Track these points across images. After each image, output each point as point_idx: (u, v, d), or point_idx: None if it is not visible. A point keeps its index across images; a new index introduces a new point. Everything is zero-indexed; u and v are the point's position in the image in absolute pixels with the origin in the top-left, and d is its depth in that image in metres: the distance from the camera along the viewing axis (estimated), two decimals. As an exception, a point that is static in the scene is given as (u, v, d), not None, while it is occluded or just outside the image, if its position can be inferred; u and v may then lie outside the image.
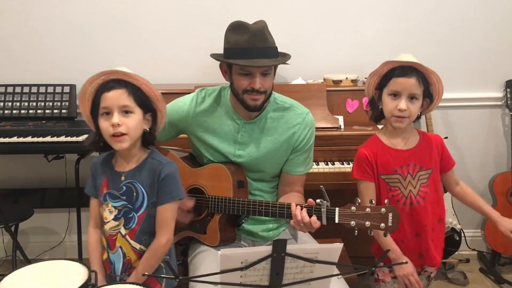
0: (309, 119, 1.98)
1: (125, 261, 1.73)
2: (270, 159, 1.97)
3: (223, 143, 1.97)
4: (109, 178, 1.74)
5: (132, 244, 1.72)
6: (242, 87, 1.85)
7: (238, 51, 1.81)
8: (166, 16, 3.01)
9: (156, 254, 1.71)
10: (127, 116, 1.64)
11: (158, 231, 1.72)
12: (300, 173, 2.01)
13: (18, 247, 2.73)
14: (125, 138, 1.64)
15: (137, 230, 1.71)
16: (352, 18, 3.03)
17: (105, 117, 1.65)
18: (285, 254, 1.29)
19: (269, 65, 1.83)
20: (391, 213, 1.60)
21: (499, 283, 2.91)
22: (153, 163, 1.73)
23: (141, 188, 1.71)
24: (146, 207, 1.71)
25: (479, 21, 3.02)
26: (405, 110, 1.85)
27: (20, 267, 1.56)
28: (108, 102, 1.63)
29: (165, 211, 1.71)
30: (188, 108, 1.99)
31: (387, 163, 1.93)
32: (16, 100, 2.91)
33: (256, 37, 1.80)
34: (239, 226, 2.00)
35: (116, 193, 1.72)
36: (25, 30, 3.01)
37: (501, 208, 2.95)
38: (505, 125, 3.14)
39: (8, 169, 3.13)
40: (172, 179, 1.71)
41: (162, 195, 1.70)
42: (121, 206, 1.71)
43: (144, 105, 1.69)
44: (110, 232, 1.73)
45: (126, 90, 1.65)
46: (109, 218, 1.72)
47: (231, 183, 1.90)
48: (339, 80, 2.84)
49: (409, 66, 1.86)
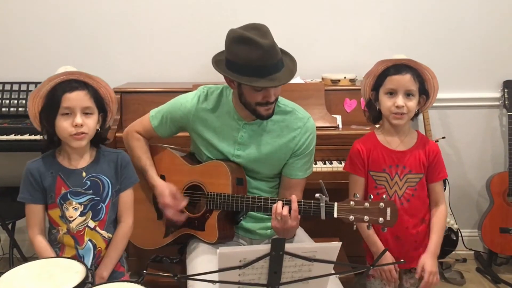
0: (310, 124, 1.97)
1: (96, 252, 1.79)
2: (268, 161, 1.97)
3: (223, 143, 1.97)
4: (64, 178, 1.75)
5: (102, 234, 1.80)
6: (256, 101, 1.84)
7: (250, 69, 1.74)
8: (165, 15, 3.00)
9: (126, 237, 1.85)
10: (88, 117, 1.71)
11: (124, 215, 1.85)
12: (299, 177, 2.00)
13: (15, 245, 2.73)
14: (85, 137, 1.72)
15: (106, 219, 1.80)
16: (350, 17, 3.04)
17: (65, 116, 1.69)
18: (283, 253, 1.29)
19: (286, 82, 1.78)
20: (389, 207, 1.62)
21: (496, 282, 2.92)
22: (109, 154, 1.84)
23: (105, 179, 1.79)
24: (111, 196, 1.80)
25: (477, 21, 3.03)
26: (402, 107, 1.87)
27: (17, 265, 1.56)
28: (71, 103, 1.68)
29: (129, 195, 1.86)
30: (191, 105, 1.99)
31: (377, 161, 1.95)
32: (14, 98, 2.91)
33: (268, 54, 1.73)
34: (237, 224, 2.00)
35: (80, 189, 1.75)
36: (24, 28, 3.00)
37: (498, 208, 2.97)
38: (503, 125, 3.14)
39: (5, 166, 3.12)
40: (130, 165, 1.87)
41: (125, 181, 1.84)
42: (87, 201, 1.76)
43: (100, 106, 1.76)
44: (77, 228, 1.76)
45: (87, 92, 1.71)
46: (74, 215, 1.75)
47: (230, 180, 1.90)
48: (337, 79, 2.84)
49: (403, 64, 1.89)
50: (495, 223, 2.97)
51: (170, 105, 2.05)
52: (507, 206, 2.96)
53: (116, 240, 1.82)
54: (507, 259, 3.11)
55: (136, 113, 2.56)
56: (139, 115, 2.17)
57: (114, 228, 1.84)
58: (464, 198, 3.22)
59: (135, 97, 2.74)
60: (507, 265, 3.09)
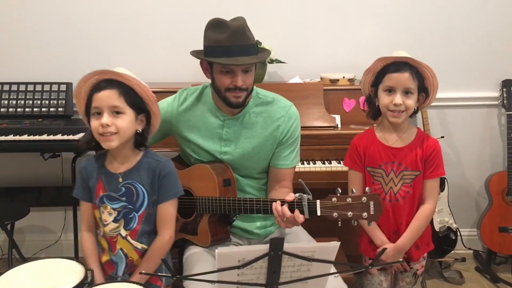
0: (292, 111, 1.98)
1: (128, 261, 1.74)
2: (257, 154, 1.97)
3: (208, 141, 1.97)
4: (104, 180, 1.73)
5: (134, 244, 1.73)
6: (224, 85, 1.85)
7: (218, 49, 1.81)
8: (163, 15, 3.00)
9: (160, 251, 1.73)
10: (117, 117, 1.65)
11: (161, 228, 1.74)
12: (287, 167, 2.00)
13: (14, 246, 2.72)
14: (114, 138, 1.65)
15: (138, 229, 1.73)
16: (349, 17, 3.04)
17: (96, 116, 1.66)
18: (282, 253, 1.29)
19: (251, 63, 1.83)
20: (372, 201, 1.57)
21: (495, 282, 2.92)
22: (150, 162, 1.73)
23: (141, 188, 1.71)
24: (146, 206, 1.72)
25: (476, 21, 3.03)
26: (400, 104, 1.87)
27: (16, 266, 1.56)
28: (98, 102, 1.64)
29: (167, 208, 1.74)
30: (171, 108, 2.00)
31: (374, 156, 1.96)
32: (13, 98, 2.91)
33: (236, 34, 1.79)
34: (230, 225, 2.00)
35: (114, 194, 1.71)
36: (22, 28, 3.00)
37: (497, 208, 2.97)
38: (501, 124, 3.15)
39: (4, 167, 3.12)
40: (172, 176, 1.74)
41: (164, 192, 1.73)
42: (120, 208, 1.71)
43: (136, 106, 1.69)
44: (111, 234, 1.73)
45: (117, 90, 1.65)
46: (108, 220, 1.72)
47: (216, 182, 1.89)
48: (336, 79, 2.84)
49: (402, 62, 1.89)
50: (494, 223, 2.97)
51: None
52: (506, 206, 2.96)
53: (150, 252, 1.74)
54: (506, 258, 3.10)
55: (135, 113, 2.55)
56: (139, 115, 2.17)
57: (152, 240, 1.75)
58: (463, 197, 3.23)
59: (134, 97, 2.74)
60: (506, 264, 3.09)
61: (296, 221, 1.66)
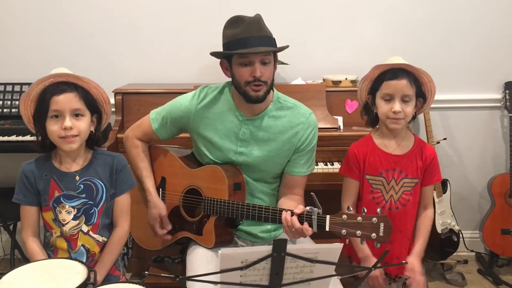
0: (312, 119, 1.97)
1: (89, 255, 1.78)
2: (272, 158, 1.95)
3: (225, 140, 1.96)
4: (58, 181, 1.74)
5: (96, 238, 1.79)
6: (244, 78, 1.84)
7: (235, 43, 1.82)
8: (166, 16, 3.01)
9: (121, 241, 1.82)
10: (78, 119, 1.69)
11: (120, 220, 1.83)
12: (302, 174, 1.99)
13: (16, 246, 2.72)
14: (76, 139, 1.69)
15: (99, 223, 1.78)
16: (352, 19, 3.03)
17: (55, 119, 1.67)
18: (285, 254, 1.29)
19: (268, 50, 1.82)
20: (382, 223, 1.56)
21: (497, 284, 2.91)
22: (105, 158, 1.81)
23: (99, 183, 1.77)
24: (105, 200, 1.78)
25: (478, 22, 3.03)
26: (399, 112, 1.86)
27: (19, 266, 1.56)
28: (59, 106, 1.66)
29: (125, 200, 1.83)
30: (190, 105, 1.98)
31: (374, 164, 1.94)
32: (15, 99, 2.91)
33: (251, 26, 1.81)
34: (235, 228, 1.99)
35: (73, 193, 1.74)
36: (25, 29, 3.01)
37: (500, 210, 2.96)
38: (504, 126, 3.14)
39: (7, 167, 3.10)
40: (127, 169, 1.84)
41: (121, 185, 1.81)
42: (80, 205, 1.75)
43: (92, 108, 1.74)
44: (71, 232, 1.75)
45: (77, 93, 1.69)
46: (67, 219, 1.74)
47: (226, 185, 1.89)
48: (339, 80, 2.84)
49: (400, 68, 1.87)
50: (496, 225, 2.97)
51: (169, 105, 2.04)
52: (509, 208, 2.95)
53: (110, 244, 1.80)
54: (509, 261, 3.10)
55: (137, 114, 2.56)
56: (140, 116, 2.16)
57: (110, 232, 1.82)
58: (465, 199, 3.22)
59: (136, 98, 2.74)
60: (509, 267, 3.08)
61: (304, 233, 1.67)
